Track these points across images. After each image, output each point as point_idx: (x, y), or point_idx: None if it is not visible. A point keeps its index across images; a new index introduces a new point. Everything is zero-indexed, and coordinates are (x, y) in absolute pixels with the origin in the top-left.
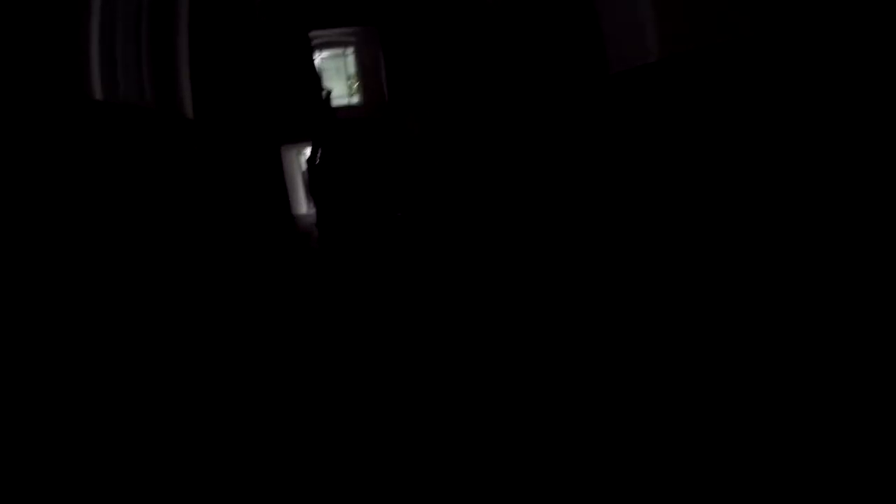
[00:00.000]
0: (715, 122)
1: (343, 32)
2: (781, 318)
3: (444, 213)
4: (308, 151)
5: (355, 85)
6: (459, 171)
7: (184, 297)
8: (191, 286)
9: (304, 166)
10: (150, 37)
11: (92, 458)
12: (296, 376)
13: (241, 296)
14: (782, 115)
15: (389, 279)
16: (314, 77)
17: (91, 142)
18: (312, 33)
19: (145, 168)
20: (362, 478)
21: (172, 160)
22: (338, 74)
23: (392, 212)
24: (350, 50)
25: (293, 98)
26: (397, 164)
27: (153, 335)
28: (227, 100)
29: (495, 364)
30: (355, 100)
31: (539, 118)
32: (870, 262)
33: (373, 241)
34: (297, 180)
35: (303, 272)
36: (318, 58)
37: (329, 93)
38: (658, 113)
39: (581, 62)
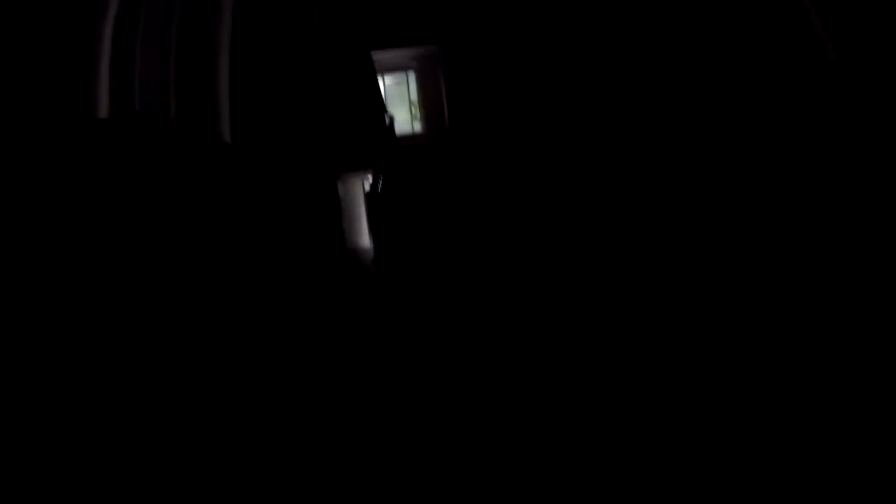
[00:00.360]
0: None
1: (404, 55)
2: None
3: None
4: (370, 180)
5: (416, 111)
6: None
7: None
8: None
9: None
10: (178, 49)
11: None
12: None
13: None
14: None
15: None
16: (378, 101)
17: (90, 160)
18: (374, 58)
19: (156, 189)
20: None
21: (197, 183)
22: (400, 100)
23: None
24: (412, 75)
25: (354, 123)
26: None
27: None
28: (277, 123)
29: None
30: (417, 127)
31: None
32: None
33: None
34: (359, 211)
35: (353, 309)
36: (381, 82)
37: (392, 119)
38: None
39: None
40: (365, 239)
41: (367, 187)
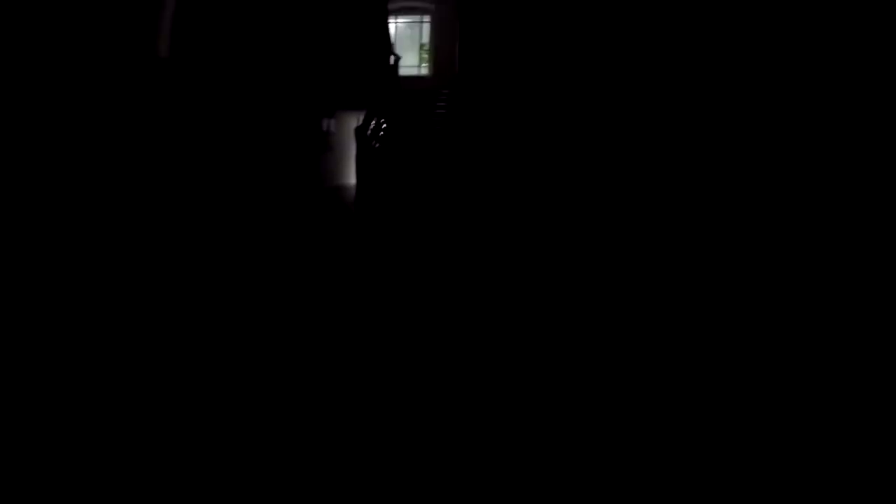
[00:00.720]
0: None
1: None
2: None
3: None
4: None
5: (427, 55)
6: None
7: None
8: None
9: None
10: None
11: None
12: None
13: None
14: None
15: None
16: (384, 37)
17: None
18: None
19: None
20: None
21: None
22: (411, 43)
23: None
24: (427, 18)
25: (352, 58)
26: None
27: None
28: (252, 50)
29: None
30: (424, 71)
31: None
32: None
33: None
34: (349, 149)
35: (326, 247)
36: (393, 23)
37: (398, 60)
38: None
39: None
40: (352, 178)
41: (356, 126)
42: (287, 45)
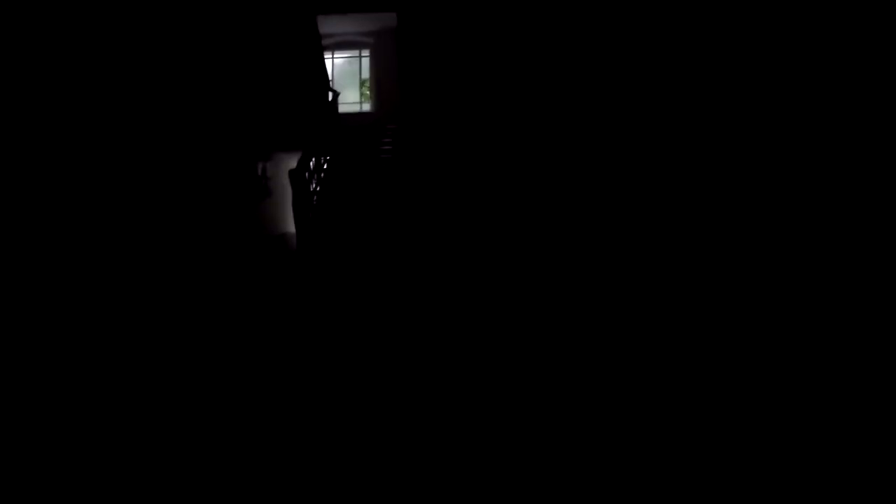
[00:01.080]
0: None
1: (358, 29)
2: None
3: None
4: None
5: (367, 90)
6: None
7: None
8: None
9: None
10: None
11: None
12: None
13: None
14: None
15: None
16: (322, 76)
17: None
18: (325, 31)
19: None
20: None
21: None
22: (351, 78)
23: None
24: (366, 52)
25: (288, 97)
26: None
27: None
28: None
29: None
30: (367, 107)
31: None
32: None
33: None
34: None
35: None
36: (330, 58)
37: (336, 95)
38: None
39: None
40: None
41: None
42: (216, 84)
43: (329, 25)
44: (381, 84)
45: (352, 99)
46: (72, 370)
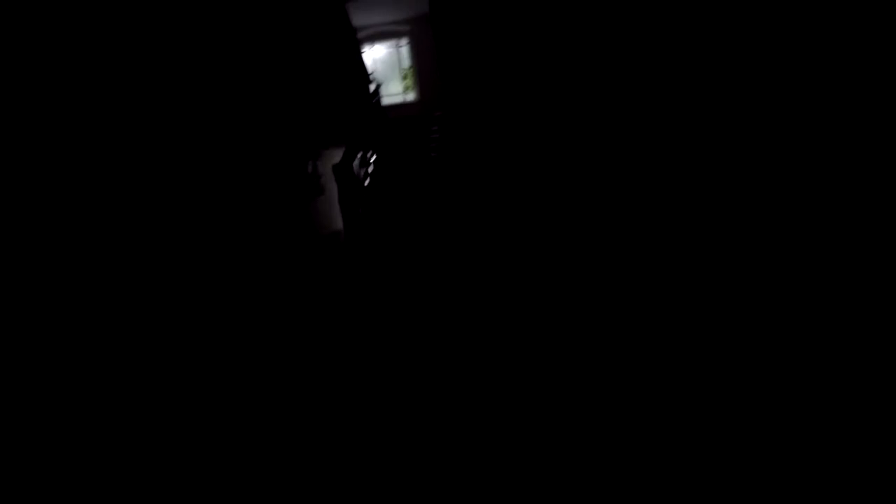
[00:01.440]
0: None
1: (394, 21)
2: None
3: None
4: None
5: (409, 80)
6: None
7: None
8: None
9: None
10: None
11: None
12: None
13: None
14: None
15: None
16: (360, 68)
17: None
18: (359, 23)
19: None
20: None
21: None
22: (391, 69)
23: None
24: (404, 41)
25: (335, 93)
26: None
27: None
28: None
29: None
30: (410, 96)
31: None
32: None
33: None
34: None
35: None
36: (370, 49)
37: (378, 87)
38: None
39: None
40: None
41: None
42: (260, 89)
43: (361, 17)
44: (422, 72)
45: (395, 90)
46: (140, 362)
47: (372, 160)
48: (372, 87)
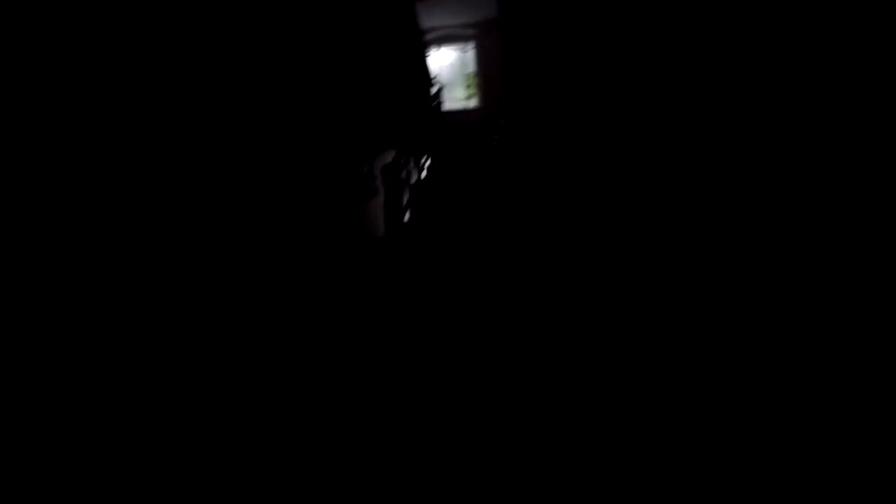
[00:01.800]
0: None
1: (462, 24)
2: None
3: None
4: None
5: (473, 86)
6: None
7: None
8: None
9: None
10: None
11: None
12: None
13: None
14: None
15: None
16: (424, 71)
17: None
18: (428, 25)
19: None
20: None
21: None
22: (456, 74)
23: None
24: (471, 46)
25: (397, 94)
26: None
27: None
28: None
29: None
30: (473, 102)
31: None
32: None
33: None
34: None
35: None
36: (436, 52)
37: (441, 89)
38: None
39: None
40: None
41: (388, 167)
42: (323, 86)
43: (431, 18)
44: (486, 79)
45: (458, 95)
46: (200, 359)
47: (426, 165)
48: (434, 91)
